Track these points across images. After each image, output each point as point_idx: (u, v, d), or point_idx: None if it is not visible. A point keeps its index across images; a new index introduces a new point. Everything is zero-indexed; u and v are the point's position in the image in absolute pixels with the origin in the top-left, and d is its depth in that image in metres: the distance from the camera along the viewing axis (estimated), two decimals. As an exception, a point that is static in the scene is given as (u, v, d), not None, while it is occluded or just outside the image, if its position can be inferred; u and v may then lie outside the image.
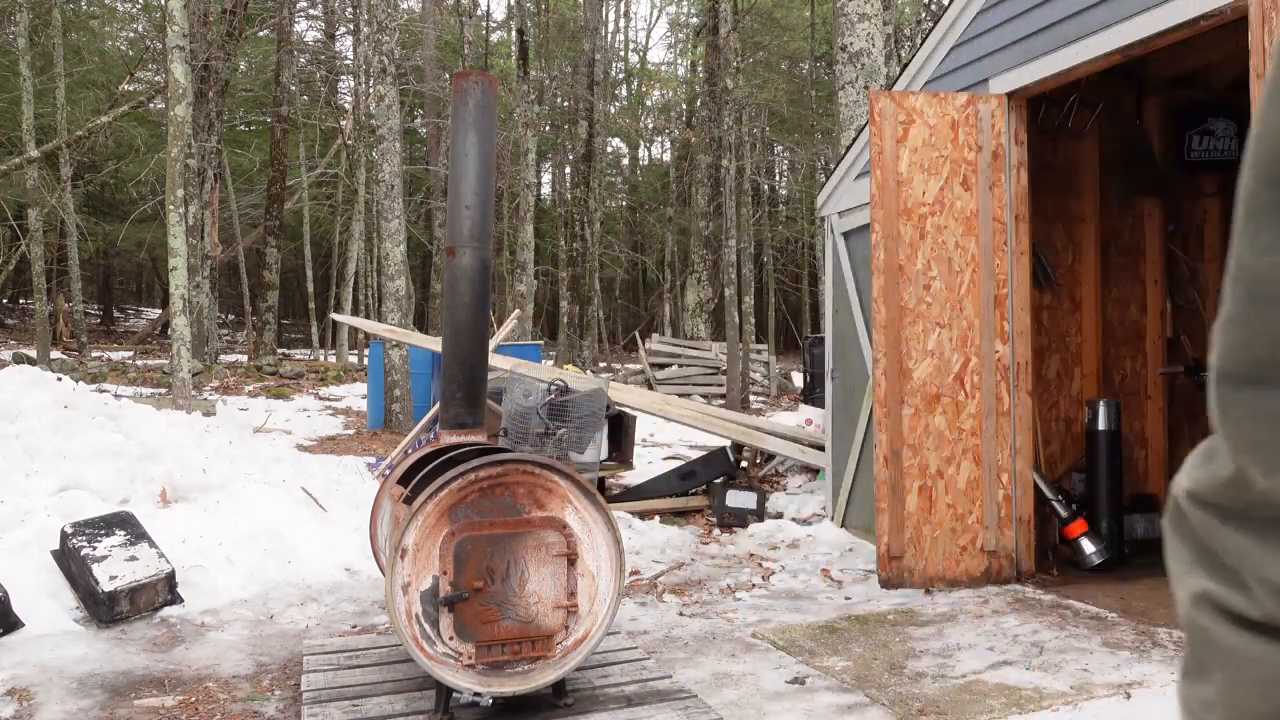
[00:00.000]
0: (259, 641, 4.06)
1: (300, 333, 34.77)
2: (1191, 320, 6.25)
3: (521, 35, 18.30)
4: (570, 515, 3.03)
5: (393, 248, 11.78)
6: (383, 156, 11.78)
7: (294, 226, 27.70)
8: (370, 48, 12.27)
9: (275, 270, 21.60)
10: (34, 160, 16.13)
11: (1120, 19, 4.26)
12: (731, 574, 5.29)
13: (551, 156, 33.03)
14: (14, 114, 18.36)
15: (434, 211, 24.87)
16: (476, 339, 3.70)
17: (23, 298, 31.48)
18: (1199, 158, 6.08)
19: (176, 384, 9.14)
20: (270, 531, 5.22)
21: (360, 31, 19.91)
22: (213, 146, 18.52)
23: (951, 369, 4.88)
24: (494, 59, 29.68)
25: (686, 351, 16.78)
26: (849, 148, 6.43)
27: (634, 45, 36.32)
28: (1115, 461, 5.36)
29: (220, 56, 18.03)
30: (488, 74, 3.86)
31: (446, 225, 3.84)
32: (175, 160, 9.49)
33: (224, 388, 14.48)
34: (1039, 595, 4.71)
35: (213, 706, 3.30)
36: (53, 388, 6.15)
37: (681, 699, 3.16)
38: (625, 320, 37.49)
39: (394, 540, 2.88)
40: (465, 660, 2.90)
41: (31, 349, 17.96)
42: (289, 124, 22.49)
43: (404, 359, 11.32)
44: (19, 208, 19.54)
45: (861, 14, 8.29)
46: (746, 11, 22.70)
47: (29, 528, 4.57)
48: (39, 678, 3.51)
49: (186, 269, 9.40)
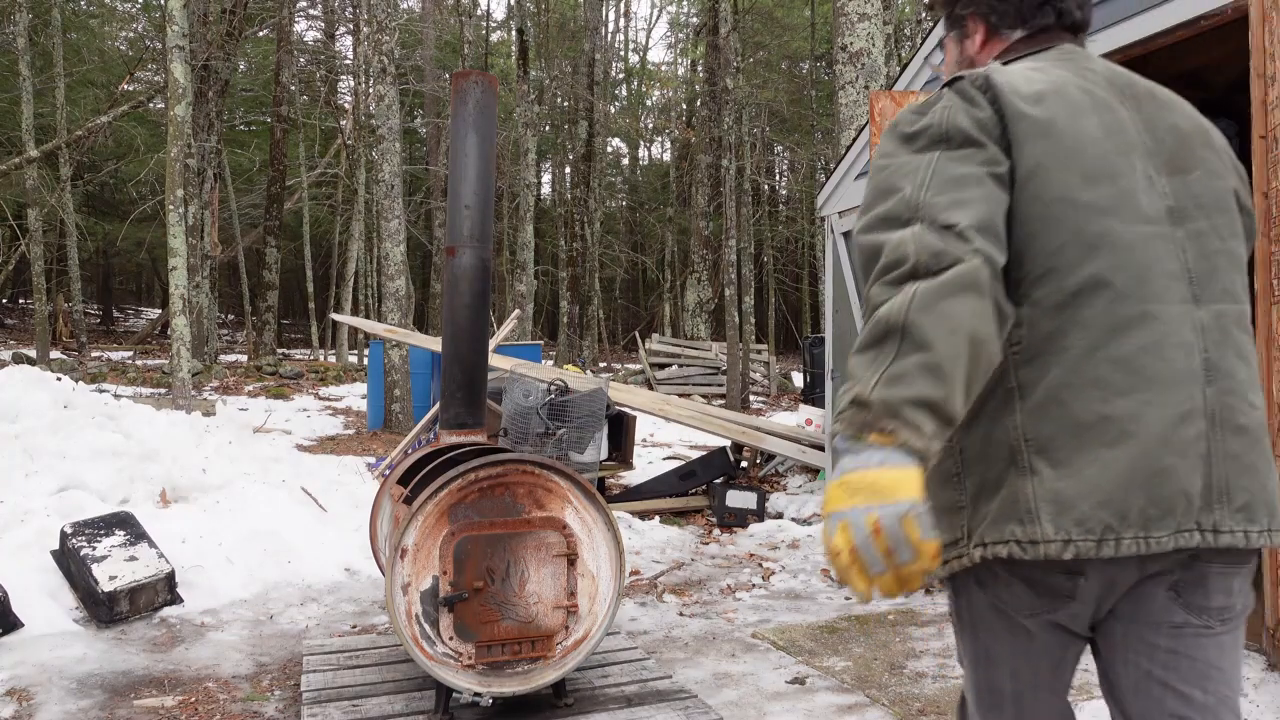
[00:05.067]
0: (259, 641, 4.06)
1: (300, 333, 34.77)
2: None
3: (521, 35, 18.30)
4: (570, 515, 3.03)
5: (393, 248, 11.78)
6: (383, 156, 11.78)
7: (294, 226, 27.70)
8: (370, 48, 12.27)
9: (275, 270, 21.60)
10: (34, 160, 16.13)
11: (1120, 19, 4.26)
12: (731, 574, 5.29)
13: (551, 156, 33.02)
14: (14, 114, 18.36)
15: (434, 211, 24.87)
16: (476, 339, 3.69)
17: (22, 298, 31.48)
18: (1199, 158, 6.08)
19: (176, 384, 9.14)
20: (270, 531, 5.22)
21: (360, 31, 19.91)
22: (213, 146, 18.52)
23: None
24: (494, 59, 29.68)
25: (686, 351, 16.78)
26: (849, 148, 6.43)
27: (634, 45, 36.33)
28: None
29: (220, 56, 18.02)
30: (488, 74, 3.86)
31: (446, 225, 3.83)
32: (175, 160, 9.49)
33: (224, 388, 14.48)
34: (1039, 595, 4.71)
35: (212, 706, 3.30)
36: (52, 388, 6.15)
37: (681, 699, 3.16)
38: (625, 320, 37.48)
39: (394, 540, 2.87)
40: (465, 660, 2.89)
41: (31, 349, 17.95)
42: (289, 124, 22.49)
43: (404, 359, 11.32)
44: (19, 208, 19.54)
45: (861, 14, 8.28)
46: (746, 11, 22.70)
47: (29, 528, 4.57)
48: (38, 678, 3.51)
49: (186, 269, 9.40)
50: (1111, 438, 1.29)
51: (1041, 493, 1.30)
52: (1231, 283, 1.42)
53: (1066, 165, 1.35)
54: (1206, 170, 1.44)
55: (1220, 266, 1.40)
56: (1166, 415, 1.30)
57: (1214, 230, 1.41)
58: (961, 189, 1.30)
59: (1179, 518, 1.29)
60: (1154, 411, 1.29)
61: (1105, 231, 1.33)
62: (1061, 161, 1.35)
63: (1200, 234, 1.40)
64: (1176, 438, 1.30)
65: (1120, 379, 1.30)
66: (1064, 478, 1.30)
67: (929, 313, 1.20)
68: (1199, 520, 1.30)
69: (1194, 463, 1.30)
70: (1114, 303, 1.32)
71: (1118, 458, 1.28)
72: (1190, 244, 1.39)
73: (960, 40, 1.68)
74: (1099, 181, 1.36)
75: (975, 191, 1.31)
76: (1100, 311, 1.32)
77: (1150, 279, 1.33)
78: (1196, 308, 1.36)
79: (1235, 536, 1.31)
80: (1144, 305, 1.32)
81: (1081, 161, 1.36)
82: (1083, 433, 1.30)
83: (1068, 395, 1.31)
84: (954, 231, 1.26)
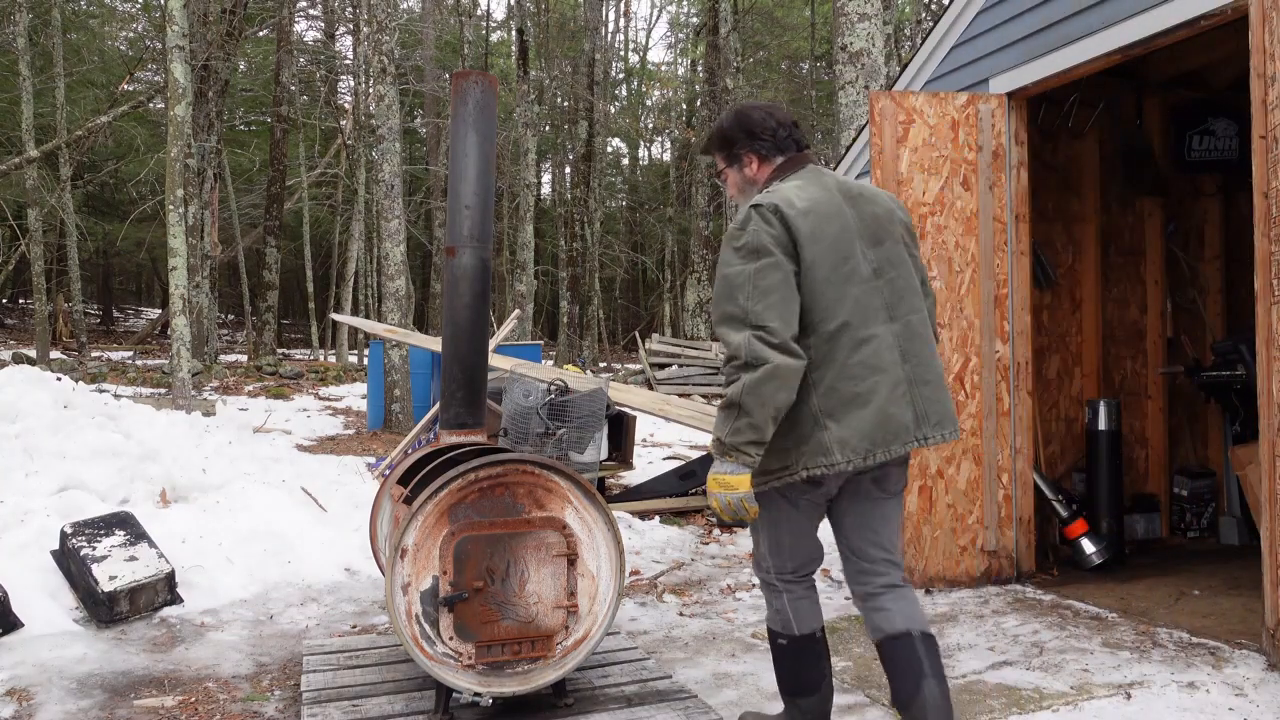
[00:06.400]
0: (259, 641, 4.06)
1: (300, 333, 34.77)
2: (1191, 320, 6.25)
3: (521, 35, 18.30)
4: (570, 515, 3.03)
5: (393, 248, 11.77)
6: (383, 156, 11.78)
7: (294, 226, 27.69)
8: (370, 48, 12.26)
9: (275, 270, 21.59)
10: (34, 160, 16.13)
11: (1120, 19, 4.26)
12: (731, 574, 5.29)
13: (551, 156, 33.03)
14: (14, 114, 18.35)
15: (434, 211, 24.87)
16: (476, 339, 3.69)
17: (22, 298, 31.48)
18: (1199, 158, 6.07)
19: (176, 384, 9.14)
20: (270, 531, 5.22)
21: (360, 31, 19.90)
22: (213, 146, 18.51)
23: (952, 369, 4.88)
24: (494, 59, 29.68)
25: (686, 351, 16.77)
26: (849, 148, 6.43)
27: (634, 45, 36.33)
28: (1115, 461, 5.36)
29: (220, 56, 18.02)
30: (488, 74, 3.85)
31: (446, 225, 3.83)
32: (175, 160, 9.49)
33: (224, 388, 14.48)
34: (1039, 595, 4.71)
35: (212, 707, 3.30)
36: (52, 388, 6.15)
37: (681, 699, 3.16)
38: (625, 320, 37.48)
39: (394, 540, 2.87)
40: (465, 660, 2.89)
41: (31, 349, 17.95)
42: (289, 124, 22.49)
43: (404, 359, 11.31)
44: (19, 208, 19.53)
45: (861, 14, 8.28)
46: (746, 11, 22.70)
47: (29, 528, 4.57)
48: (38, 678, 3.51)
49: (186, 269, 9.40)
50: (862, 404, 2.40)
51: (832, 439, 2.39)
52: (913, 304, 2.53)
53: (825, 258, 2.41)
54: (891, 240, 2.54)
55: (905, 296, 2.51)
56: (887, 387, 2.42)
57: (900, 276, 2.52)
58: (769, 296, 2.32)
59: (904, 438, 2.44)
60: (882, 387, 2.41)
61: (845, 294, 2.42)
62: (823, 256, 2.40)
63: (892, 280, 2.50)
64: (894, 396, 2.43)
65: (862, 372, 2.40)
66: (842, 429, 2.39)
67: (751, 396, 2.28)
68: (915, 435, 2.46)
69: (905, 408, 2.45)
70: (853, 332, 2.41)
71: (866, 415, 2.40)
72: (886, 288, 2.49)
73: (740, 169, 2.67)
74: (841, 264, 2.42)
75: (777, 296, 2.33)
76: (847, 339, 2.41)
77: (869, 315, 2.43)
78: (893, 324, 2.48)
79: (936, 438, 2.50)
80: (867, 330, 2.42)
81: (832, 254, 2.42)
82: (847, 403, 2.40)
83: (838, 385, 2.40)
84: (767, 332, 2.29)
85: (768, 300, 2.30)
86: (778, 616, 2.70)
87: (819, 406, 2.38)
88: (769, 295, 2.31)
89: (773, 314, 2.29)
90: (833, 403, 2.38)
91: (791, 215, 2.37)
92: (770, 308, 2.29)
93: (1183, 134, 6.07)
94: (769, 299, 2.30)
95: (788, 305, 2.32)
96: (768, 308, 2.29)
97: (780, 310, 2.30)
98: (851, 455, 2.37)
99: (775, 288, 2.31)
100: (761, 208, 2.38)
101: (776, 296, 2.31)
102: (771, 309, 2.29)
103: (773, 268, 2.32)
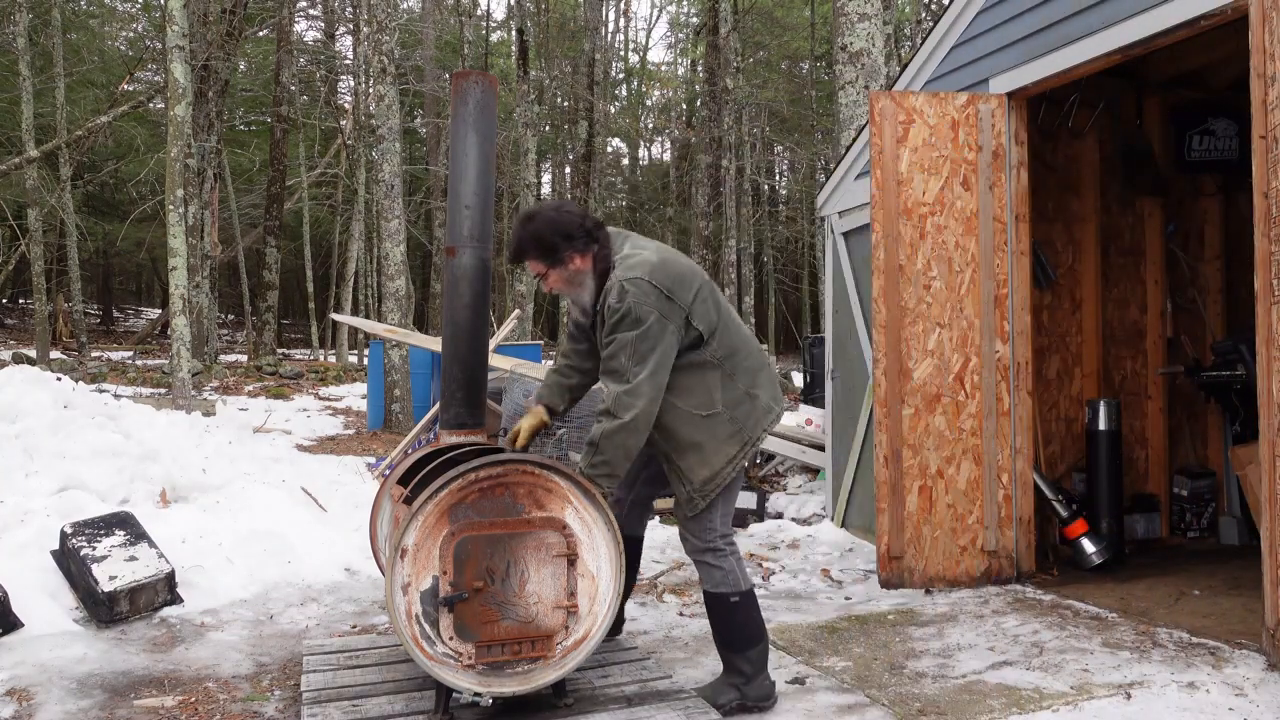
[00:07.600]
0: (259, 642, 4.06)
1: (300, 333, 34.76)
2: (1191, 320, 6.25)
3: (521, 35, 18.28)
4: (570, 515, 3.03)
5: (393, 248, 11.77)
6: (383, 156, 11.78)
7: (294, 226, 27.68)
8: (370, 48, 12.26)
9: (275, 270, 21.59)
10: (34, 160, 16.14)
11: (1120, 19, 4.26)
12: (731, 574, 5.28)
13: (551, 156, 33.03)
14: (14, 114, 18.35)
15: (434, 211, 24.86)
16: (476, 339, 3.69)
17: (22, 298, 31.48)
18: (1199, 158, 6.08)
19: (176, 384, 9.14)
20: (270, 531, 5.22)
21: (360, 31, 19.91)
22: (212, 146, 18.50)
23: (951, 369, 4.88)
24: (494, 59, 29.67)
25: (686, 351, 16.73)
26: (849, 148, 6.43)
27: (634, 45, 36.33)
28: (1115, 461, 5.36)
29: (220, 56, 18.01)
30: (488, 74, 3.85)
31: (446, 225, 3.83)
32: (175, 160, 9.49)
33: (224, 388, 14.48)
34: (1039, 595, 4.71)
35: (212, 707, 3.30)
36: (52, 388, 6.15)
37: (681, 699, 3.16)
38: (625, 320, 37.33)
39: (394, 540, 2.87)
40: (465, 660, 2.89)
41: (31, 349, 17.95)
42: (289, 124, 22.48)
43: (404, 359, 11.31)
44: (19, 208, 19.53)
45: (861, 14, 8.28)
46: (746, 11, 22.70)
47: (29, 528, 4.57)
48: (38, 678, 3.51)
49: (186, 269, 9.40)
50: (766, 375, 3.22)
51: (761, 405, 3.18)
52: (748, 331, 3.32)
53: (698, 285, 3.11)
54: None
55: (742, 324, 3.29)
56: (769, 381, 3.23)
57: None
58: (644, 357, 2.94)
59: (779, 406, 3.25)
60: (765, 382, 3.21)
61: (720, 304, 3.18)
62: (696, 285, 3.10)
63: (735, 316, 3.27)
64: (771, 385, 3.24)
65: (755, 371, 3.19)
66: (763, 393, 3.18)
67: (608, 440, 2.95)
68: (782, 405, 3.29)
69: (777, 391, 3.25)
70: (742, 346, 3.19)
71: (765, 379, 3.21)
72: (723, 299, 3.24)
73: (565, 267, 3.08)
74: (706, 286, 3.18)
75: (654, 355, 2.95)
76: (742, 352, 3.17)
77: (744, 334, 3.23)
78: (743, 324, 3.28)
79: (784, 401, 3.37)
80: (748, 345, 3.21)
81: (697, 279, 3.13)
82: (755, 374, 3.18)
83: (745, 365, 3.16)
84: (632, 388, 2.92)
85: (641, 359, 2.92)
86: (727, 577, 3.17)
87: (743, 384, 3.12)
88: (643, 356, 2.92)
89: (641, 368, 2.92)
90: (749, 379, 3.13)
91: (657, 278, 2.98)
92: (641, 364, 2.92)
93: (1183, 134, 6.07)
94: (641, 358, 2.92)
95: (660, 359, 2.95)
96: (640, 365, 2.92)
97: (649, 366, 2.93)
98: (776, 408, 3.20)
99: (648, 351, 2.92)
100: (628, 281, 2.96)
101: (653, 355, 2.93)
102: (642, 363, 2.92)
103: (646, 335, 2.92)
